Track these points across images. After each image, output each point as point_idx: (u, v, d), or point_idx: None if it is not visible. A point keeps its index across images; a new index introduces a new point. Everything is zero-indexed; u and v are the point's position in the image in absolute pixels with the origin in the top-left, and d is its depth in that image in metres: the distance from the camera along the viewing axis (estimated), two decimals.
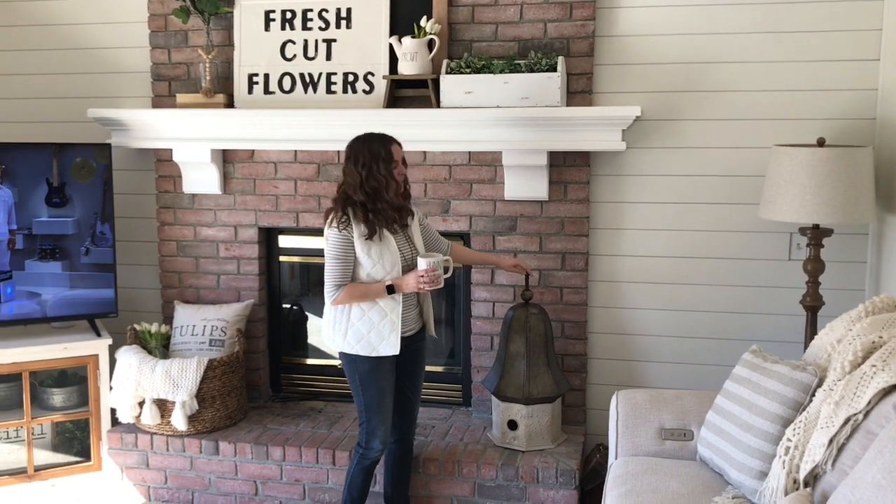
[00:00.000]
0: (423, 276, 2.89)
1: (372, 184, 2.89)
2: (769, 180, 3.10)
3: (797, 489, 2.22)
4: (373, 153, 2.91)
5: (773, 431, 2.39)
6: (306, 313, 4.10)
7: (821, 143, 3.06)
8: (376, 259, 2.92)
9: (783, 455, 2.28)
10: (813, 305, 3.17)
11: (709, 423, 2.66)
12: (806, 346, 3.05)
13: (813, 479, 2.21)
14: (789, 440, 2.28)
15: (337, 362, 4.00)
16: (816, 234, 3.12)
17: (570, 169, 3.54)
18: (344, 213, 2.92)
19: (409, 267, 2.99)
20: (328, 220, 2.96)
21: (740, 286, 3.50)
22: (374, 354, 2.96)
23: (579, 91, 3.48)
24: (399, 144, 2.99)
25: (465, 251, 3.38)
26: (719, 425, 2.60)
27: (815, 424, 2.24)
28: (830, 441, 2.15)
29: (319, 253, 3.91)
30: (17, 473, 3.60)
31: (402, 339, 2.98)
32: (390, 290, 2.92)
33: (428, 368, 3.87)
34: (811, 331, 3.15)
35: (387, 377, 3.02)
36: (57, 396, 3.76)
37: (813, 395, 2.37)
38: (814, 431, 2.23)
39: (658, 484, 2.54)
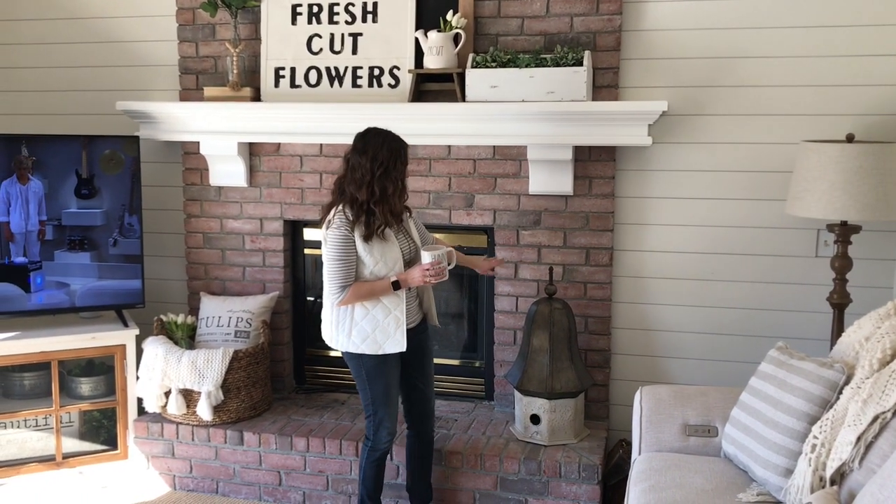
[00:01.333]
0: (428, 269, 2.88)
1: (383, 184, 2.83)
2: (797, 176, 3.07)
3: (823, 487, 2.21)
4: (392, 152, 2.86)
5: (799, 429, 2.37)
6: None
7: (850, 138, 3.03)
8: (378, 257, 2.88)
9: (809, 452, 2.26)
10: (840, 303, 3.14)
11: (734, 420, 2.65)
12: (832, 344, 3.02)
13: (840, 477, 2.19)
14: (816, 438, 2.27)
15: None
16: (844, 231, 3.09)
17: (595, 164, 3.53)
18: (344, 212, 2.87)
19: (410, 262, 2.97)
20: (327, 219, 2.91)
21: (766, 283, 3.48)
22: (380, 353, 2.94)
23: (605, 86, 3.47)
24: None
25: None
26: (744, 422, 2.58)
27: (842, 422, 2.23)
28: (858, 439, 2.14)
29: None
30: (46, 461, 3.66)
31: (407, 331, 2.96)
32: (396, 286, 2.89)
33: (450, 362, 3.93)
34: (838, 328, 3.12)
35: (392, 370, 3.01)
36: (85, 385, 3.81)
37: (840, 392, 2.35)
38: (841, 429, 2.21)
39: (682, 480, 2.53)
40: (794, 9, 3.31)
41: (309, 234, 3.99)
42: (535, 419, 3.39)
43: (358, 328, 2.93)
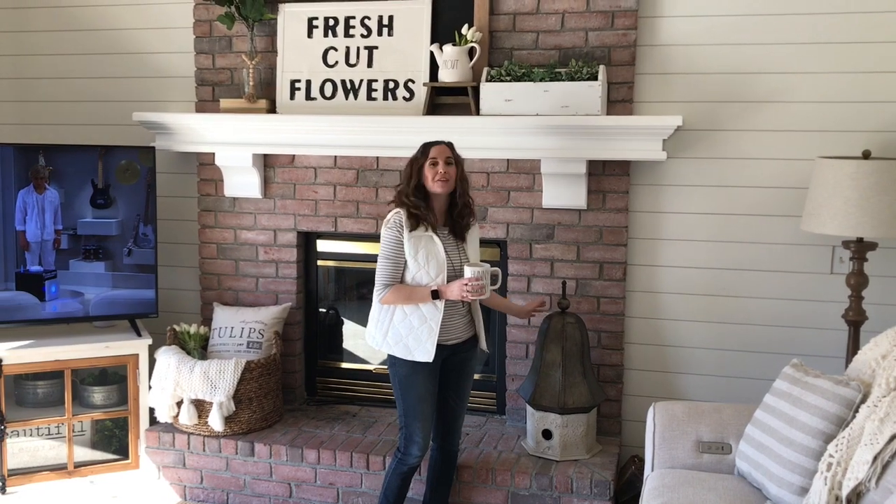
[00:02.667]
0: (467, 284, 2.88)
1: (405, 183, 2.98)
2: (812, 192, 3.06)
3: None
4: (414, 156, 3.00)
5: (815, 447, 2.35)
6: (342, 317, 4.13)
7: (866, 155, 3.01)
8: (422, 263, 2.93)
9: (825, 471, 2.24)
10: (856, 320, 3.12)
11: (748, 437, 2.63)
12: (848, 362, 3.00)
13: (856, 496, 2.17)
14: (831, 456, 2.25)
15: (371, 367, 4.04)
16: (860, 248, 3.08)
17: (609, 178, 3.53)
18: (398, 215, 2.95)
19: (455, 277, 2.98)
20: (385, 219, 3.00)
21: (781, 299, 3.46)
22: (409, 358, 2.96)
23: (620, 100, 3.47)
24: (447, 144, 3.00)
25: (497, 299, 3.29)
26: (759, 439, 2.56)
27: (858, 441, 2.21)
28: (875, 458, 2.12)
29: (356, 258, 3.98)
30: (58, 469, 3.67)
31: (447, 346, 2.98)
32: (434, 295, 2.92)
33: None
34: (854, 346, 3.10)
35: (425, 383, 3.01)
36: (97, 395, 3.82)
37: (856, 411, 2.33)
38: (857, 448, 2.19)
39: (695, 497, 2.51)
40: (811, 25, 3.31)
41: (322, 245, 4.00)
42: (547, 434, 3.38)
43: (394, 330, 2.98)
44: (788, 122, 3.37)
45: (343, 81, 3.73)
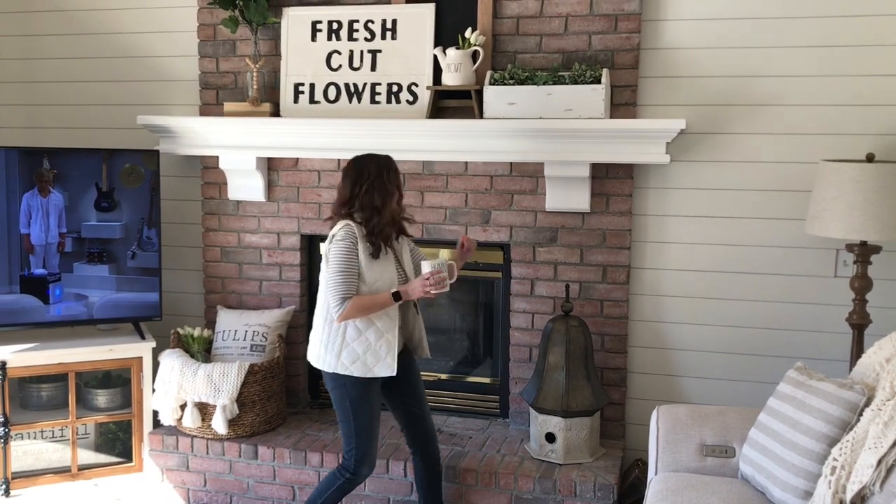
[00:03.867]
0: (428, 279, 2.85)
1: (376, 198, 2.88)
2: (816, 196, 3.05)
3: None
4: (380, 165, 2.93)
5: (819, 450, 2.35)
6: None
7: (870, 158, 3.01)
8: (378, 274, 2.90)
9: (829, 475, 2.24)
10: (860, 323, 3.12)
11: (751, 441, 2.63)
12: (852, 365, 2.99)
13: (860, 500, 2.16)
14: (835, 460, 2.24)
15: None
16: (864, 251, 3.07)
17: (612, 181, 3.53)
18: (350, 227, 2.90)
19: (404, 283, 2.97)
20: (330, 234, 2.93)
21: (784, 302, 3.46)
22: (369, 375, 2.90)
23: (623, 103, 3.47)
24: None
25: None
26: (762, 443, 2.56)
27: (862, 444, 2.20)
28: (879, 462, 2.11)
29: None
30: (62, 472, 3.67)
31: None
32: (397, 297, 2.88)
33: (466, 379, 3.91)
34: (857, 349, 3.09)
35: (376, 399, 2.99)
36: (101, 397, 3.83)
37: (860, 414, 2.32)
38: (861, 451, 2.19)
39: (699, 501, 2.51)
40: (814, 27, 3.31)
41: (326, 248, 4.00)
42: (550, 437, 3.37)
43: (348, 349, 2.91)
44: (792, 125, 3.37)
45: (346, 85, 3.73)
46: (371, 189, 2.88)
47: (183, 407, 3.59)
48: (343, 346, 2.91)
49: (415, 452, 3.16)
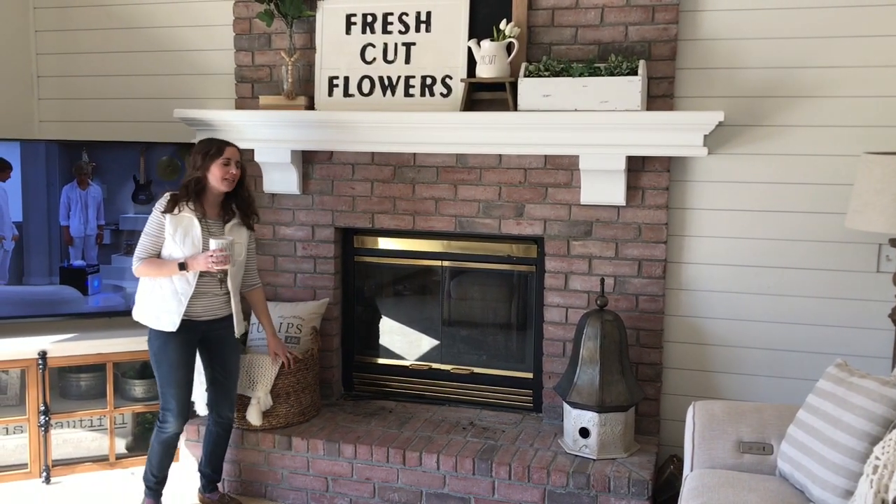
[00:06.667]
0: (212, 255, 3.13)
1: (195, 174, 3.20)
2: (858, 189, 2.99)
3: None
4: (203, 149, 3.23)
5: (860, 449, 2.30)
6: (380, 313, 4.14)
7: None
8: (179, 242, 3.18)
9: (871, 474, 2.19)
10: None
11: (790, 438, 2.58)
12: (895, 362, 2.93)
13: None
14: (878, 458, 2.19)
15: (408, 363, 4.04)
16: None
17: (648, 174, 3.49)
18: (167, 198, 3.20)
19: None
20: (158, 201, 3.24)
21: (824, 298, 3.39)
22: (158, 328, 3.21)
23: (660, 95, 3.43)
24: (236, 148, 3.29)
25: (261, 304, 3.56)
26: (801, 440, 2.52)
27: None
28: None
29: (394, 254, 3.98)
30: (100, 461, 3.74)
31: (202, 322, 3.25)
32: (181, 267, 3.16)
33: (499, 372, 3.90)
34: None
35: (177, 354, 3.24)
36: (138, 388, 3.88)
37: None
38: None
39: (736, 498, 2.48)
40: (856, 18, 3.24)
41: (360, 241, 4.01)
42: (584, 432, 3.35)
43: (149, 302, 3.24)
44: (833, 117, 3.31)
45: (381, 78, 3.73)
46: (193, 167, 3.21)
47: None
48: (144, 297, 3.27)
49: (211, 412, 3.45)
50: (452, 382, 3.99)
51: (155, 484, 3.37)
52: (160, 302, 3.21)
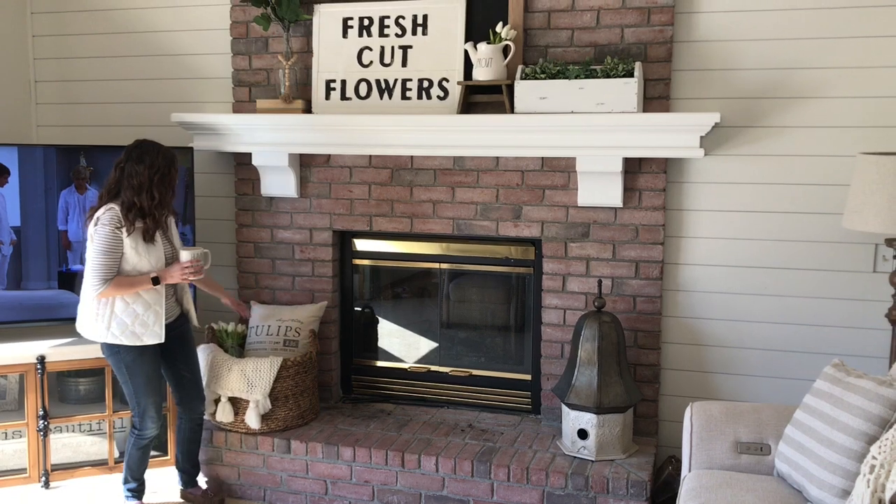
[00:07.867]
0: (187, 266, 3.20)
1: (161, 189, 3.16)
2: (854, 190, 3.00)
3: None
4: (167, 159, 3.19)
5: (857, 448, 2.31)
6: (378, 316, 4.15)
7: None
8: (143, 254, 3.16)
9: (868, 473, 2.19)
10: None
11: (787, 438, 2.59)
12: (891, 362, 2.94)
13: None
14: (874, 458, 2.20)
15: (407, 365, 4.05)
16: None
17: (645, 175, 3.50)
18: (115, 211, 3.12)
19: (169, 263, 3.27)
20: (95, 217, 3.14)
21: (821, 298, 3.40)
22: (138, 344, 3.19)
23: (656, 97, 3.44)
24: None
25: (204, 279, 3.53)
26: (799, 440, 2.52)
27: None
28: None
29: (392, 257, 3.99)
30: (99, 465, 3.73)
31: (165, 326, 3.24)
32: (155, 281, 3.17)
33: (497, 374, 3.90)
34: None
35: (151, 362, 3.26)
36: None
37: None
38: None
39: (733, 498, 2.48)
40: (850, 19, 3.25)
41: (358, 244, 4.02)
42: (582, 434, 3.36)
43: (117, 320, 3.17)
44: (829, 117, 3.32)
45: (378, 81, 3.74)
46: (162, 180, 3.16)
47: (217, 401, 3.63)
48: (112, 318, 3.17)
49: (183, 411, 3.48)
50: (451, 385, 3.99)
51: (137, 486, 3.46)
52: (133, 318, 3.18)
